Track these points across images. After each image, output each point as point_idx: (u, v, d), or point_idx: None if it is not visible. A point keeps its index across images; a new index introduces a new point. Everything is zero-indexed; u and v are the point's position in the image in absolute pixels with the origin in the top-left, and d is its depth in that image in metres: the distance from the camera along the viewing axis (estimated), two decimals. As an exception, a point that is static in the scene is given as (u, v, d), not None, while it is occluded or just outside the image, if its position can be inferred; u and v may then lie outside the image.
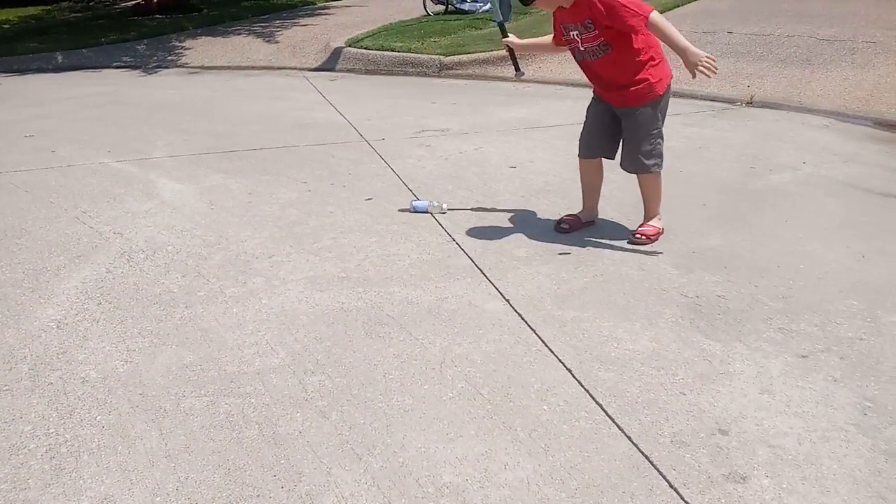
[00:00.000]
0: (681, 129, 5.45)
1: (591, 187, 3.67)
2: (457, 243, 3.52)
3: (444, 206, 3.87)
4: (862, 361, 2.43)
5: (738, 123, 5.60)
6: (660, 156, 3.41)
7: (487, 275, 3.19)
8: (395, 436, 2.16)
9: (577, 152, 3.61)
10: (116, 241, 3.66)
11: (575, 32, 3.26)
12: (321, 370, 2.51)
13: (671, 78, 3.38)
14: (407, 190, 4.27)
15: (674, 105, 6.09)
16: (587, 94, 3.65)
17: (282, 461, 2.07)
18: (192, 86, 8.13)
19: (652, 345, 2.59)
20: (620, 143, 3.48)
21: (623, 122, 3.41)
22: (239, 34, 10.91)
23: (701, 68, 2.95)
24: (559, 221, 3.66)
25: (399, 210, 3.81)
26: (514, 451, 2.08)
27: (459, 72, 8.00)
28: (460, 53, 8.18)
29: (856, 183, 4.16)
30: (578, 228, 3.63)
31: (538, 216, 3.81)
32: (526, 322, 2.79)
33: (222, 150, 5.25)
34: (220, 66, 9.28)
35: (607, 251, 3.36)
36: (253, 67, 9.11)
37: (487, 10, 11.18)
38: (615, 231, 3.59)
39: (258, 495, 1.94)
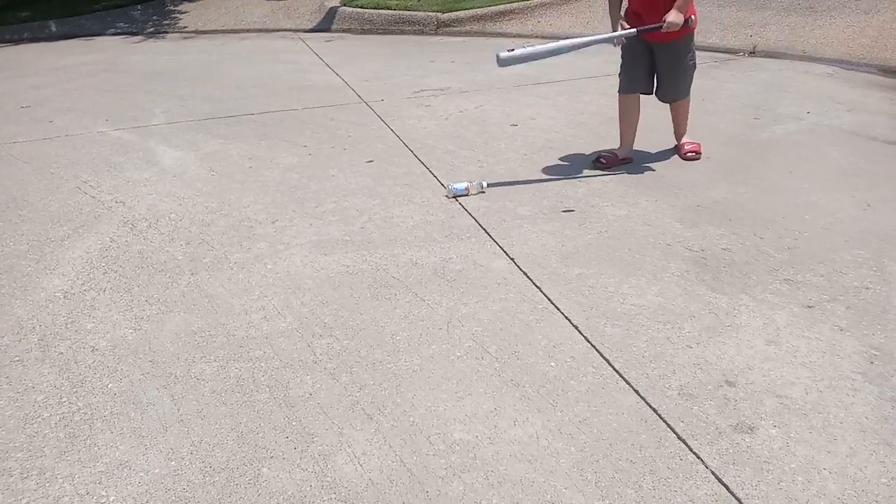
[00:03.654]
0: (683, 81, 5.38)
1: (630, 122, 3.89)
2: (460, 203, 3.51)
3: (484, 183, 3.64)
4: (868, 310, 2.43)
5: (740, 74, 5.53)
6: (689, 86, 3.80)
7: (491, 234, 3.18)
8: (404, 395, 2.18)
9: (618, 88, 3.84)
10: (119, 209, 3.65)
11: None
12: (329, 333, 2.52)
13: None
14: (408, 151, 4.25)
15: (676, 57, 6.02)
16: (587, 50, 3.62)
17: (293, 423, 2.09)
18: (187, 51, 8.03)
19: (658, 299, 2.59)
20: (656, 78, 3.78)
21: (661, 57, 3.68)
22: (233, -4, 10.72)
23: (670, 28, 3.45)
24: (597, 158, 3.87)
25: (444, 197, 3.57)
26: (523, 407, 2.10)
27: (457, 29, 7.88)
28: (457, 10, 8.05)
29: (860, 131, 4.12)
30: (616, 165, 3.83)
31: (541, 174, 3.78)
32: (531, 280, 2.79)
33: (220, 115, 5.21)
34: (214, 30, 9.16)
35: (610, 207, 3.35)
36: (248, 30, 8.99)
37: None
38: (619, 187, 3.57)
39: (271, 457, 1.97)
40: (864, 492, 1.73)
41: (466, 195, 3.57)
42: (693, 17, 3.58)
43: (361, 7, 8.74)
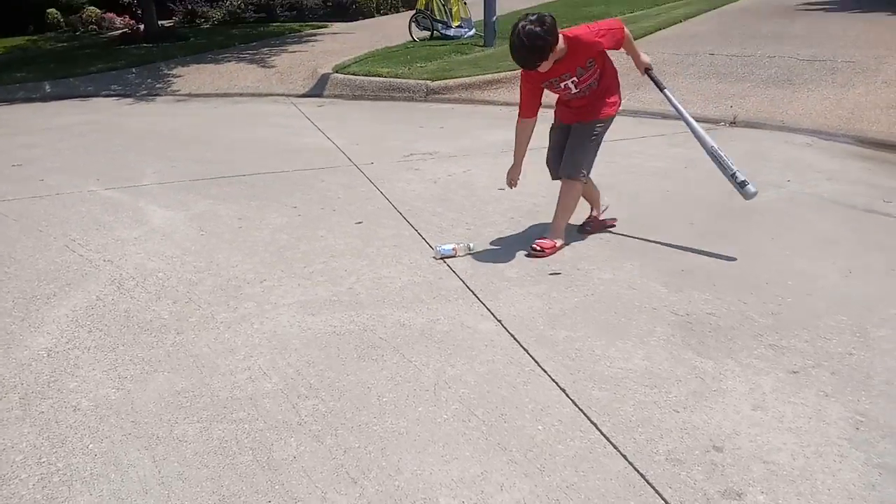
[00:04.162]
0: (666, 149, 5.52)
1: (590, 197, 3.92)
2: (448, 265, 3.53)
3: (472, 245, 3.68)
4: (852, 376, 2.45)
5: (722, 143, 5.62)
6: (589, 168, 3.66)
7: (479, 296, 3.20)
8: (390, 459, 2.15)
9: (550, 176, 3.79)
10: (106, 268, 3.65)
11: (570, 80, 3.45)
12: (315, 394, 2.50)
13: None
14: (397, 213, 4.29)
15: (659, 126, 6.21)
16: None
17: (276, 487, 2.06)
18: (180, 113, 8.15)
19: (644, 363, 2.60)
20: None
21: (573, 132, 3.63)
22: (227, 61, 10.96)
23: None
24: (582, 225, 3.91)
25: (432, 258, 3.60)
26: (510, 471, 2.07)
27: (446, 96, 8.07)
28: (447, 78, 8.26)
29: (840, 200, 4.22)
30: (599, 228, 3.91)
31: (528, 237, 3.83)
32: (518, 342, 2.80)
33: (211, 176, 5.26)
34: (208, 94, 9.32)
35: (597, 271, 3.39)
36: (241, 94, 9.15)
37: (472, 36, 11.31)
38: (604, 251, 3.62)
39: (254, 521, 1.93)
40: (854, 560, 1.71)
41: (454, 256, 3.60)
42: (619, 103, 3.65)
43: (353, 74, 8.95)
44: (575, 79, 3.43)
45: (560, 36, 3.27)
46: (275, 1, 17.39)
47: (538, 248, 3.61)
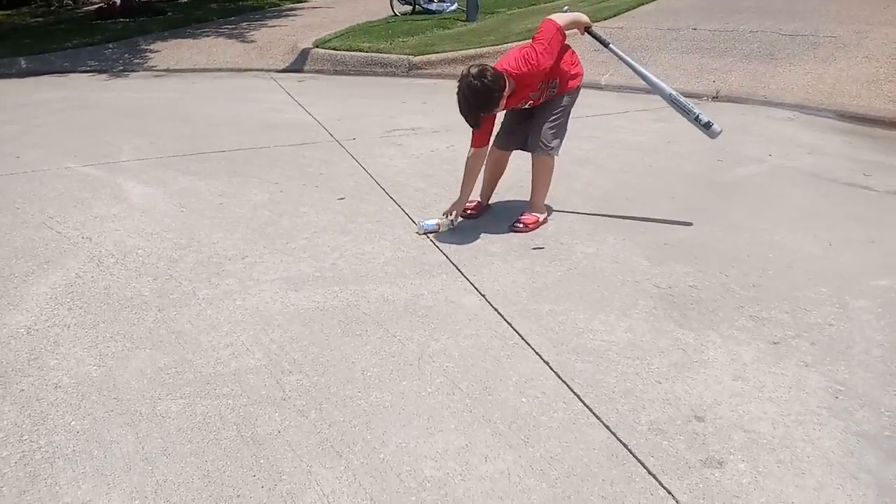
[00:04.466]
0: (649, 124, 5.52)
1: (495, 177, 3.88)
2: (431, 240, 3.52)
3: (455, 220, 3.63)
4: (832, 346, 2.48)
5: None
6: (560, 143, 3.62)
7: (462, 271, 3.19)
8: (374, 432, 2.16)
9: (493, 141, 3.66)
10: (85, 245, 3.60)
11: (528, 102, 3.48)
12: (298, 369, 2.49)
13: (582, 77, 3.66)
14: (380, 189, 4.27)
15: (642, 101, 6.20)
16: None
17: (261, 461, 2.05)
18: (158, 89, 8.02)
19: (627, 335, 2.61)
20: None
21: (539, 110, 3.57)
22: (206, 36, 10.79)
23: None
24: (464, 208, 3.79)
25: (415, 233, 3.58)
26: (495, 443, 2.09)
27: (429, 71, 8.00)
28: (429, 53, 8.19)
29: (821, 173, 4.25)
30: (483, 212, 3.87)
31: (511, 212, 3.82)
32: (502, 316, 2.80)
33: (190, 152, 5.19)
34: (186, 69, 9.17)
35: (580, 245, 3.39)
36: (220, 69, 9.02)
37: (454, 11, 11.21)
38: (587, 225, 3.62)
39: (238, 496, 1.92)
40: (832, 525, 1.74)
41: (437, 231, 3.59)
42: (580, 76, 3.60)
43: (334, 49, 8.85)
44: (531, 102, 3.48)
45: (505, 78, 3.21)
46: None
47: (521, 224, 3.61)
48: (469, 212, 3.82)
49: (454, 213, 3.63)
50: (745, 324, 2.65)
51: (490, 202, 3.95)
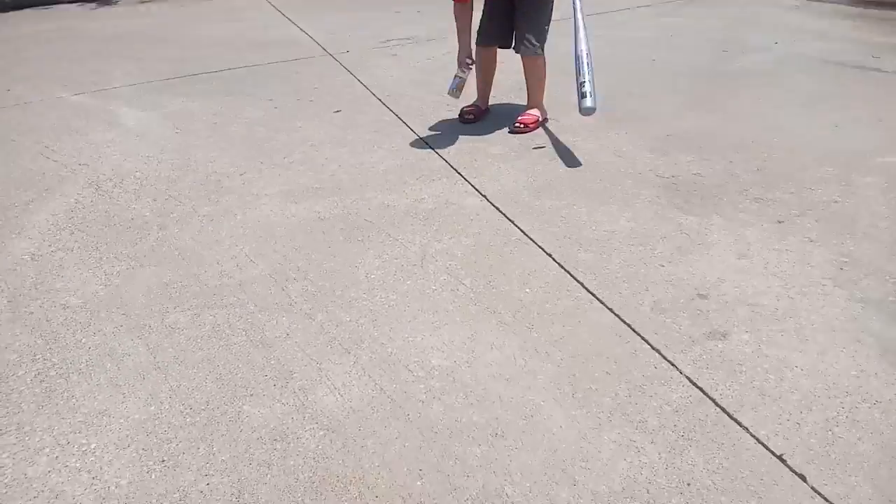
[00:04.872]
0: (653, 18, 5.35)
1: (486, 76, 3.77)
2: (430, 147, 3.47)
3: (465, 67, 3.55)
4: (837, 221, 2.45)
5: (709, 10, 5.50)
6: (545, 40, 3.51)
7: (463, 174, 3.16)
8: (381, 329, 2.18)
9: (476, 41, 3.61)
10: (83, 171, 3.58)
11: None
12: (303, 276, 2.50)
13: None
14: (376, 99, 4.19)
15: (642, -6, 5.98)
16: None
17: (272, 362, 2.08)
18: (145, 15, 7.81)
19: (630, 224, 2.60)
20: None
21: (520, 6, 3.45)
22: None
23: None
24: (462, 113, 3.76)
25: (448, 96, 3.61)
26: (500, 332, 2.10)
27: (421, -20, 7.74)
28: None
29: (828, 58, 4.13)
30: (481, 116, 3.78)
31: (511, 114, 3.75)
32: (504, 214, 2.78)
33: (182, 74, 5.09)
34: (172, -5, 8.90)
35: (581, 142, 3.34)
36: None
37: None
38: (589, 122, 3.55)
39: (251, 395, 1.96)
40: (835, 385, 1.76)
41: (463, 81, 3.56)
42: None
43: (322, -37, 8.55)
44: None
45: None
46: None
47: (521, 124, 3.54)
48: (468, 116, 3.76)
49: (463, 63, 3.55)
50: (750, 206, 2.62)
51: (490, 105, 3.87)
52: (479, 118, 3.78)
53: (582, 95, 3.16)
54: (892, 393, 1.71)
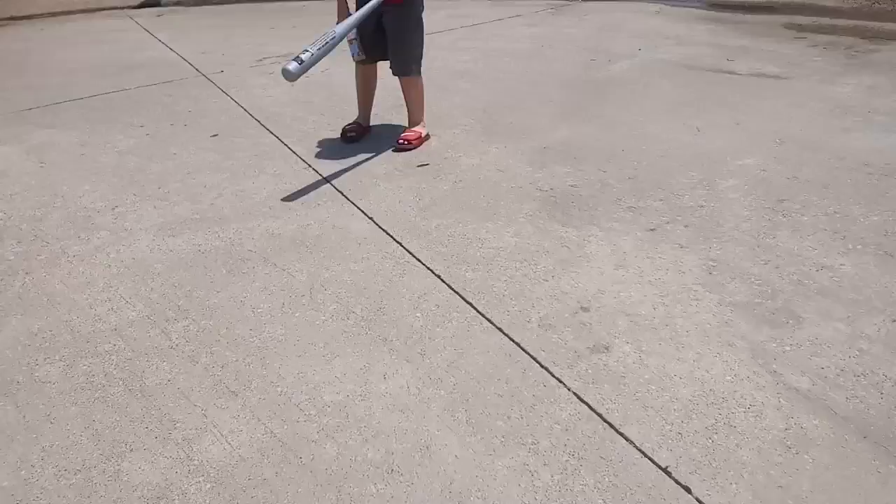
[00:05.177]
0: (524, 29, 5.50)
1: (365, 92, 3.78)
2: (314, 169, 3.43)
3: (344, 32, 3.31)
4: (704, 227, 2.60)
5: (576, 19, 5.71)
6: (421, 57, 3.55)
7: (349, 196, 3.13)
8: (270, 367, 2.12)
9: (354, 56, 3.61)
10: (-66, 215, 3.30)
11: None
12: (184, 315, 2.40)
13: None
14: (255, 121, 4.09)
15: (515, 7, 6.16)
16: (436, 4, 3.60)
17: (152, 412, 1.99)
18: (2, 39, 7.32)
19: (514, 240, 2.65)
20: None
21: (388, 23, 3.44)
22: (47, -24, 9.85)
23: None
24: (344, 132, 3.75)
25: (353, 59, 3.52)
26: (392, 360, 2.09)
27: (295, -7, 7.64)
28: (294, -26, 7.79)
29: (688, 63, 4.37)
30: (364, 135, 3.77)
31: (394, 132, 3.76)
32: (392, 237, 2.78)
33: (44, 103, 4.79)
34: (32, 15, 8.37)
35: (464, 157, 3.38)
36: (69, 12, 8.30)
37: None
38: (470, 137, 3.61)
39: (131, 450, 1.86)
40: (712, 391, 1.86)
41: (359, 43, 3.47)
42: None
43: (192, -22, 8.29)
44: None
45: None
46: None
47: (404, 141, 3.55)
48: (350, 134, 3.74)
49: (350, 41, 3.45)
50: (624, 215, 2.73)
51: (371, 124, 3.86)
52: (361, 136, 3.76)
53: (294, 59, 3.07)
54: (764, 396, 1.83)
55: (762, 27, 4.99)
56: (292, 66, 3.05)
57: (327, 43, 3.16)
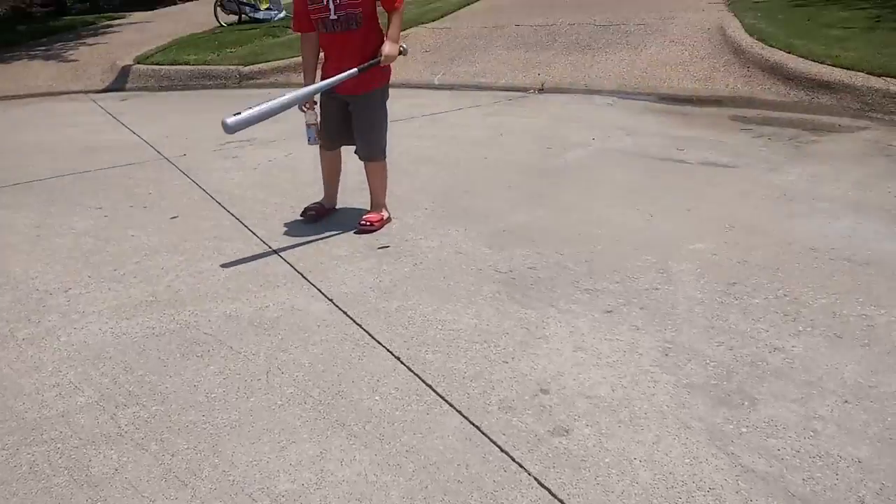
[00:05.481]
0: (482, 119, 5.68)
1: (331, 176, 3.85)
2: (274, 251, 3.43)
3: (308, 110, 3.47)
4: (659, 309, 2.65)
5: (533, 109, 5.92)
6: (384, 142, 3.64)
7: (309, 278, 3.13)
8: (222, 455, 2.06)
9: (321, 145, 3.69)
10: None
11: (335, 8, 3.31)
12: (135, 401, 2.33)
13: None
14: (216, 203, 4.10)
15: (474, 97, 6.37)
16: (399, 93, 3.70)
17: (98, 503, 1.90)
18: (-42, 119, 7.28)
19: (474, 321, 2.66)
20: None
21: (355, 110, 3.54)
22: (16, 60, 9.93)
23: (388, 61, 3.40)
24: (305, 210, 3.79)
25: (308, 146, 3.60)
26: (350, 446, 2.05)
27: (261, 81, 7.81)
28: (259, 62, 7.99)
29: (639, 152, 4.54)
30: (325, 215, 3.81)
31: (356, 214, 3.79)
32: (352, 318, 2.77)
33: (2, 184, 4.75)
34: (-9, 96, 8.39)
35: (424, 240, 3.42)
36: (32, 95, 8.34)
37: (283, 18, 11.01)
38: (431, 220, 3.66)
39: (74, 544, 1.77)
40: (671, 474, 1.85)
41: (317, 126, 3.51)
42: (388, 67, 3.52)
43: (157, 64, 8.43)
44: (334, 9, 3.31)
45: None
46: (64, -8, 15.99)
47: (366, 223, 3.59)
48: (310, 213, 3.78)
49: (306, 106, 3.46)
50: (581, 297, 2.77)
51: (336, 206, 3.89)
52: (321, 216, 3.79)
53: (236, 114, 3.18)
54: (723, 479, 1.83)
55: (710, 119, 5.23)
56: (230, 119, 3.13)
57: (273, 107, 3.25)
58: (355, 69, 3.33)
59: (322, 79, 3.49)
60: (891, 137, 4.34)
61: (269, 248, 3.47)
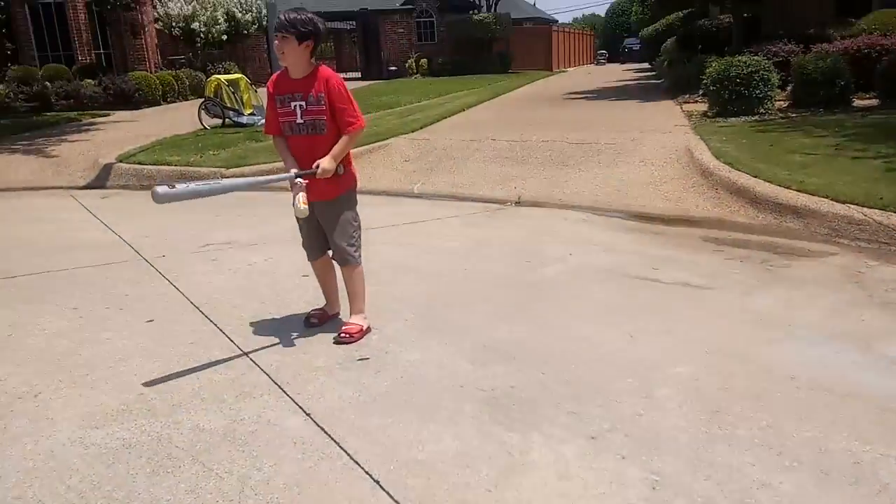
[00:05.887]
0: (461, 229, 5.79)
1: (327, 283, 3.89)
2: (251, 360, 3.38)
3: (298, 195, 3.35)
4: (644, 437, 2.63)
5: (510, 222, 6.06)
6: (359, 247, 3.69)
7: (286, 390, 3.08)
8: (193, 584, 1.95)
9: (306, 257, 3.78)
10: None
11: (298, 104, 3.42)
12: (102, 521, 2.23)
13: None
14: (193, 307, 4.06)
15: (453, 208, 6.51)
16: (379, 201, 3.77)
17: None
18: (-68, 209, 7.23)
19: (455, 443, 2.62)
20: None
21: (322, 216, 3.60)
22: (-6, 153, 9.97)
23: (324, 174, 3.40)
24: (307, 317, 3.82)
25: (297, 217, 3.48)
26: (327, 577, 1.96)
27: (243, 183, 7.90)
28: (241, 165, 8.12)
29: (616, 269, 4.63)
30: (327, 321, 3.82)
31: (335, 323, 3.78)
32: (329, 436, 2.71)
33: (-28, 279, 4.67)
34: (-32, 188, 8.37)
35: (404, 353, 3.41)
36: (10, 189, 8.34)
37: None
38: (412, 332, 3.65)
39: None
40: None
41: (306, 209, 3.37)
42: (353, 172, 3.62)
43: (139, 163, 8.53)
44: (303, 104, 3.40)
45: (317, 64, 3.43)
46: (49, 89, 16.27)
47: (345, 335, 3.57)
48: (312, 320, 3.79)
49: (294, 194, 3.40)
50: (565, 420, 2.75)
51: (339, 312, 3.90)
52: (323, 322, 3.80)
53: (171, 186, 3.19)
54: None
55: (682, 238, 5.39)
56: (161, 188, 3.10)
57: (211, 187, 3.34)
58: (293, 172, 3.41)
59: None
60: (859, 264, 4.50)
61: (247, 356, 3.42)
